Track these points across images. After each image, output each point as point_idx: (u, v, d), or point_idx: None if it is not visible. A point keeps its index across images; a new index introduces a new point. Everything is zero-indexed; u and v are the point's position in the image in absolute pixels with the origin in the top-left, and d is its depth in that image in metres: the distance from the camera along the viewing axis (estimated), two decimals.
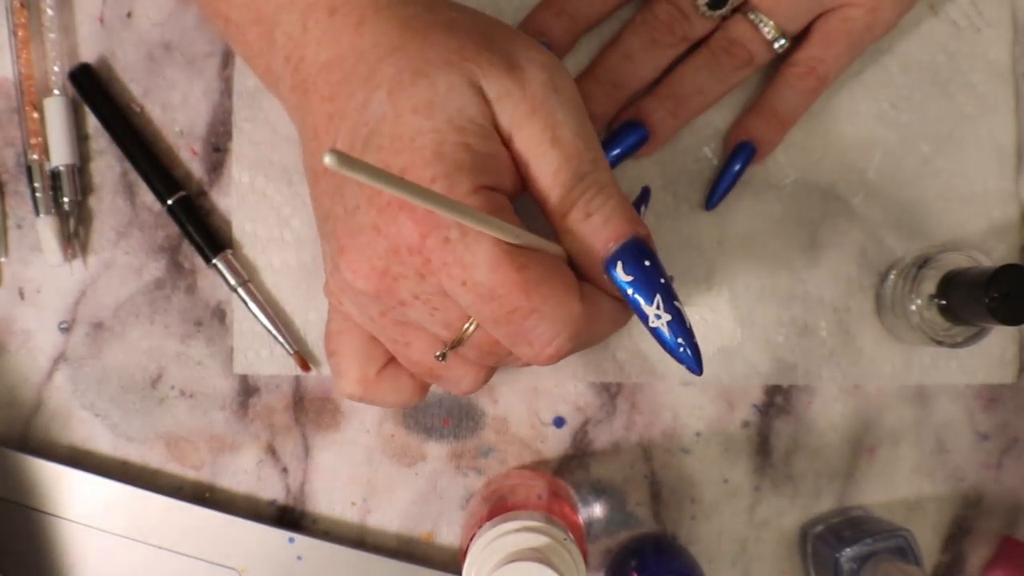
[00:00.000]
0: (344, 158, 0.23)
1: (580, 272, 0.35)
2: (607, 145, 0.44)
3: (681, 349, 0.33)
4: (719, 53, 0.43)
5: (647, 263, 0.33)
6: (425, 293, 0.33)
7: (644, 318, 0.33)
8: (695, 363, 0.34)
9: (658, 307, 0.33)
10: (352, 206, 0.33)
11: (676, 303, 0.33)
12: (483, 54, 0.33)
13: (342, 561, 0.45)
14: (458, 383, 0.37)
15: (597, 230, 0.33)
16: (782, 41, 0.42)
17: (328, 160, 0.23)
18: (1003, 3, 0.47)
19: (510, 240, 0.31)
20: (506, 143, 0.33)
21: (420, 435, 0.46)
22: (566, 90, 0.34)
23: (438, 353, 0.35)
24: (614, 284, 0.34)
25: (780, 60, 0.44)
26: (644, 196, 0.41)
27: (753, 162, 0.44)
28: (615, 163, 0.44)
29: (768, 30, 0.42)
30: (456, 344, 0.34)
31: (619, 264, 0.33)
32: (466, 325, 0.34)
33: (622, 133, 0.43)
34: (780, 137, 0.44)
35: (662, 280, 0.33)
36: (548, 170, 0.33)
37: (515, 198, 0.34)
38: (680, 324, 0.33)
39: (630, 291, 0.33)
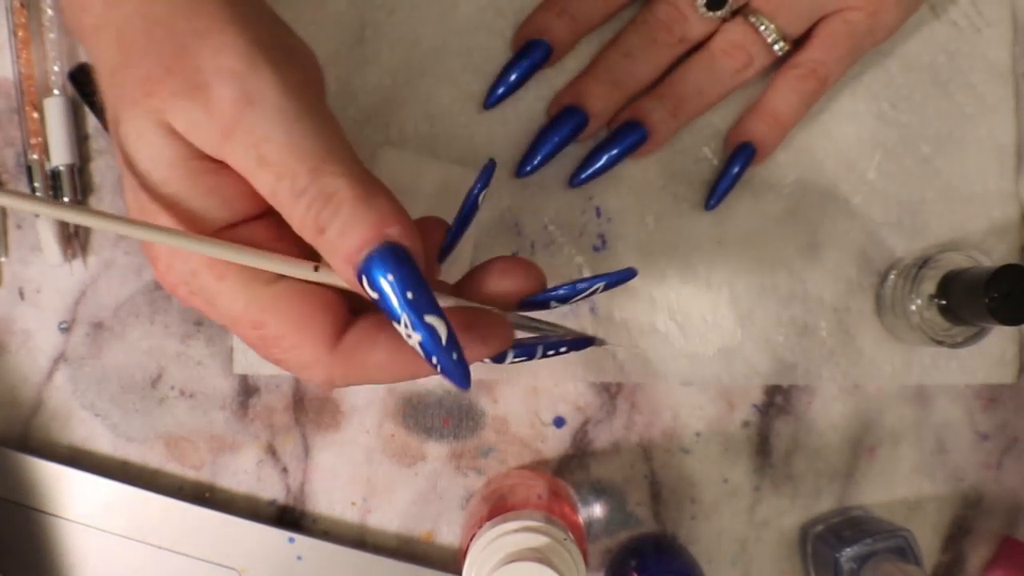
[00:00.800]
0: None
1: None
2: (607, 144, 0.43)
3: (438, 367, 0.29)
4: (719, 55, 0.43)
5: (388, 276, 0.28)
6: (205, 305, 0.31)
7: (403, 337, 0.29)
8: (458, 379, 0.29)
9: (407, 326, 0.28)
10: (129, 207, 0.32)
11: (429, 319, 0.28)
12: (166, 80, 0.28)
13: (342, 561, 0.45)
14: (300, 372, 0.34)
15: (335, 246, 0.29)
16: (782, 44, 0.42)
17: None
18: (1003, 3, 0.46)
19: (272, 268, 0.29)
20: (226, 164, 0.30)
21: (420, 435, 0.46)
22: (267, 98, 0.28)
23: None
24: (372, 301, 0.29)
25: (781, 63, 0.44)
26: (484, 174, 0.34)
27: (753, 163, 0.44)
28: (614, 163, 0.44)
29: (768, 33, 0.42)
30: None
31: (364, 279, 0.29)
32: None
33: (621, 133, 0.43)
34: (780, 139, 0.44)
35: (409, 294, 0.28)
36: (267, 191, 0.29)
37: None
38: (433, 342, 0.28)
39: (381, 308, 0.29)
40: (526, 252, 0.45)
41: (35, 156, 0.45)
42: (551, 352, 0.35)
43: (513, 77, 0.44)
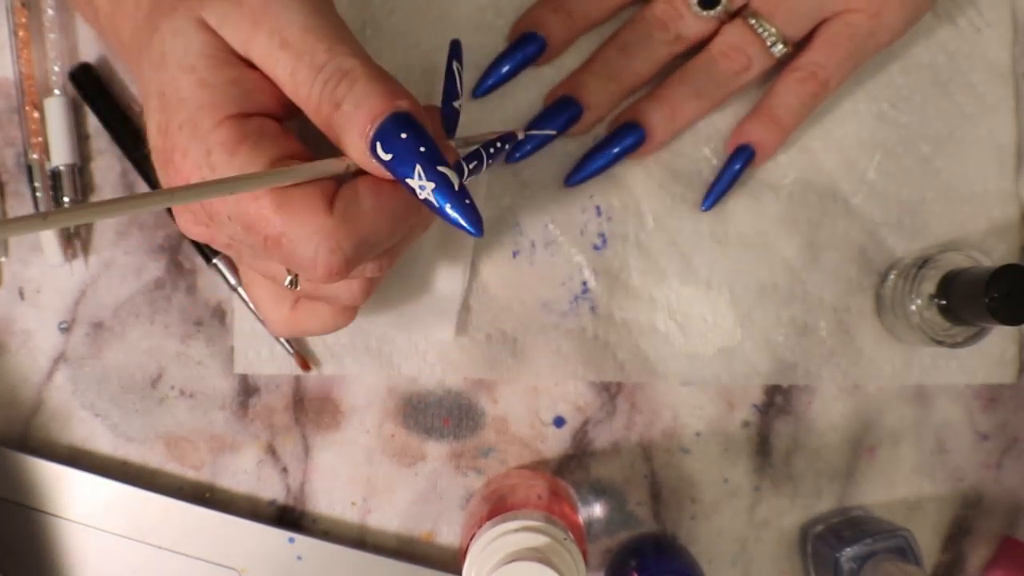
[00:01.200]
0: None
1: (367, 170, 0.34)
2: (605, 145, 0.44)
3: (452, 214, 0.31)
4: (718, 57, 0.43)
5: (403, 135, 0.31)
6: (228, 235, 0.34)
7: (414, 193, 0.32)
8: (471, 223, 0.32)
9: (420, 177, 0.31)
10: (159, 172, 0.35)
11: (441, 168, 0.31)
12: None
13: (342, 561, 0.45)
14: (339, 298, 0.37)
15: (351, 118, 0.31)
16: (781, 47, 0.42)
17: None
18: (1003, 3, 0.47)
19: (270, 184, 0.31)
20: (250, 64, 0.33)
21: (420, 435, 0.46)
22: None
23: (286, 283, 0.35)
24: (383, 168, 0.32)
25: (783, 67, 0.44)
26: (453, 50, 0.38)
27: (751, 166, 0.44)
28: (612, 163, 0.44)
29: (767, 35, 0.42)
30: (294, 274, 0.34)
31: (378, 145, 0.31)
32: None
33: (620, 134, 0.43)
34: (779, 141, 0.44)
35: (421, 148, 0.31)
36: (286, 75, 0.32)
37: (291, 115, 0.34)
38: (446, 188, 0.31)
39: (394, 170, 0.31)
40: (526, 250, 0.45)
41: (35, 156, 0.45)
42: (492, 150, 0.38)
43: (505, 68, 0.44)
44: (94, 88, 0.45)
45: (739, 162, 0.44)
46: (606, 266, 0.45)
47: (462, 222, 0.32)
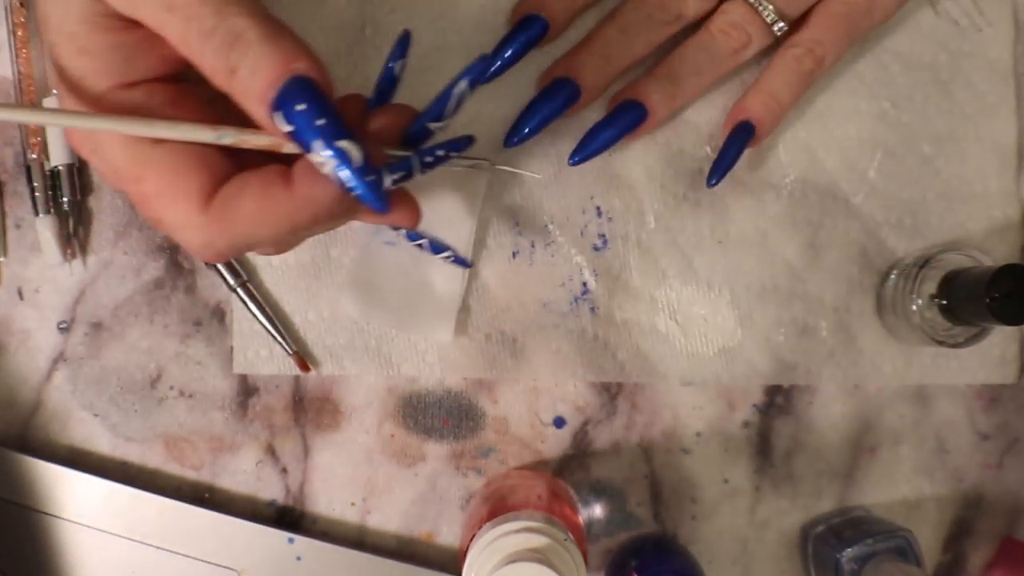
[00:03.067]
0: None
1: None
2: (605, 123, 0.43)
3: (355, 190, 0.30)
4: (717, 35, 0.43)
5: (300, 106, 0.29)
6: (106, 174, 0.33)
7: (317, 165, 0.30)
8: (373, 199, 0.30)
9: (320, 151, 0.30)
10: None
11: (340, 142, 0.30)
12: None
13: (342, 561, 0.45)
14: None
15: (247, 85, 0.30)
16: (781, 24, 0.42)
17: None
18: (1004, 3, 0.46)
19: (113, 130, 0.30)
20: (138, 23, 0.31)
21: (420, 435, 0.46)
22: None
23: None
24: (286, 138, 0.30)
25: (779, 45, 0.44)
26: (399, 45, 0.35)
27: (751, 143, 0.44)
28: (613, 141, 0.43)
29: (767, 13, 0.42)
30: None
31: (278, 115, 0.30)
32: None
33: (620, 112, 0.43)
34: (778, 118, 0.44)
35: (319, 120, 0.29)
36: (178, 40, 0.30)
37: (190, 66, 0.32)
38: (345, 163, 0.30)
39: (296, 140, 0.30)
40: (526, 251, 0.45)
41: (34, 156, 0.45)
42: (429, 159, 0.35)
43: (509, 52, 0.43)
44: None
45: (739, 138, 0.44)
46: (606, 266, 0.45)
47: (368, 196, 0.30)
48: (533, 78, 0.45)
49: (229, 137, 0.31)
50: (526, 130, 0.43)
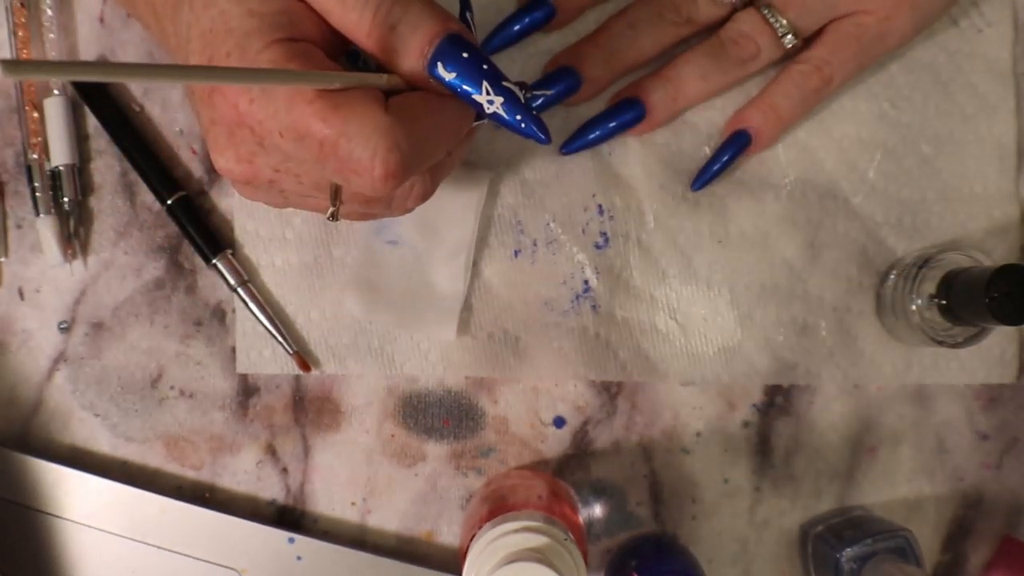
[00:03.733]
0: (11, 65, 0.23)
1: (413, 89, 0.34)
2: (603, 117, 0.44)
3: (523, 125, 0.34)
4: (727, 43, 0.43)
5: (465, 55, 0.33)
6: (277, 163, 0.34)
7: (480, 108, 0.34)
8: (540, 133, 0.34)
9: (488, 93, 0.33)
10: (198, 111, 0.35)
11: (505, 83, 0.33)
12: None
13: (342, 561, 0.45)
14: (388, 210, 0.38)
15: (408, 40, 0.33)
16: (791, 37, 0.42)
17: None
18: (1004, 3, 0.46)
19: (313, 85, 0.32)
20: None
21: (420, 435, 0.46)
22: None
23: (327, 215, 0.35)
24: (444, 87, 0.33)
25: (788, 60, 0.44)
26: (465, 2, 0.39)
27: (746, 154, 0.44)
28: (609, 136, 0.44)
29: (780, 26, 0.42)
30: (336, 201, 0.35)
31: (439, 64, 0.33)
32: (332, 182, 0.35)
33: (620, 108, 0.43)
34: (777, 132, 0.44)
35: (485, 66, 0.33)
36: (336, 2, 0.33)
37: (337, 48, 0.35)
38: (515, 102, 0.33)
39: (458, 87, 0.33)
40: (528, 249, 0.45)
41: (35, 156, 0.45)
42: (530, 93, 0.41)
43: (515, 28, 0.43)
44: (93, 88, 0.45)
45: (734, 147, 0.44)
46: (608, 265, 0.45)
47: (535, 130, 0.34)
48: (540, 66, 0.45)
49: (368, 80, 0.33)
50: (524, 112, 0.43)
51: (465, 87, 0.33)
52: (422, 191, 0.37)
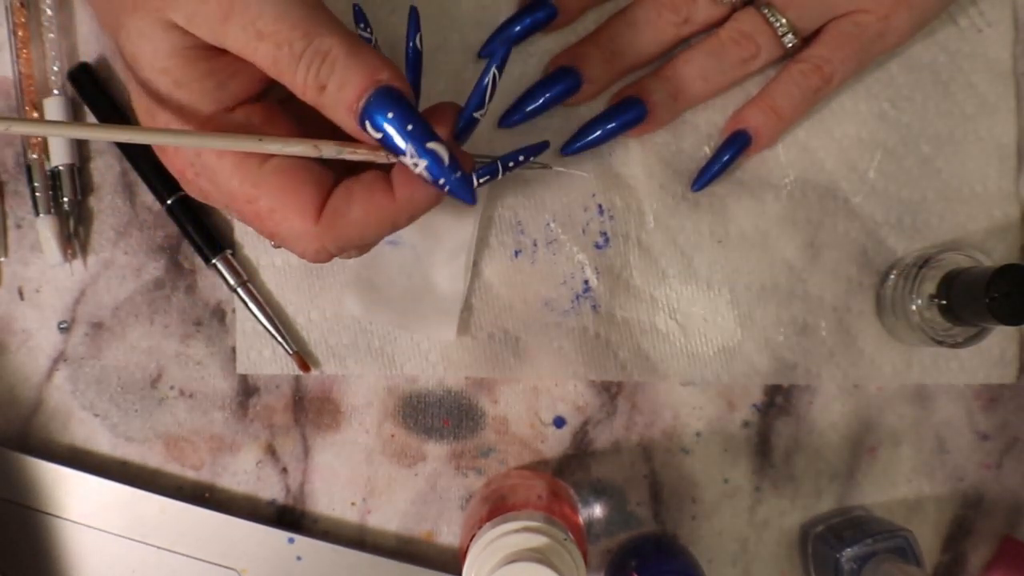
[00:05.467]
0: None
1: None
2: (604, 117, 0.43)
3: (447, 188, 0.33)
4: (727, 43, 0.43)
5: (389, 114, 0.32)
6: (226, 206, 0.35)
7: (410, 167, 0.33)
8: (464, 194, 0.34)
9: (412, 156, 0.33)
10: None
11: (430, 144, 0.33)
12: None
13: (342, 561, 0.45)
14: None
15: (336, 99, 0.33)
16: (791, 37, 0.42)
17: None
18: (1004, 3, 0.46)
19: (257, 150, 0.32)
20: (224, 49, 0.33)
21: (420, 435, 0.46)
22: None
23: (272, 244, 0.37)
24: (376, 143, 0.33)
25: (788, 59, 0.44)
26: (412, 20, 0.38)
27: (745, 154, 0.44)
28: (609, 137, 0.44)
29: (780, 26, 0.42)
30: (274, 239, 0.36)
31: (367, 123, 0.33)
32: None
33: (620, 108, 0.43)
34: (777, 132, 0.44)
35: (408, 127, 0.32)
36: (268, 64, 0.33)
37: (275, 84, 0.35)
38: (437, 164, 0.33)
39: (386, 145, 0.33)
40: (528, 249, 0.45)
41: (34, 156, 0.45)
42: (511, 164, 0.39)
43: (516, 29, 0.43)
44: (93, 88, 0.45)
45: (734, 147, 0.44)
46: (608, 265, 0.45)
47: (459, 193, 0.33)
48: (540, 66, 0.45)
49: (329, 151, 0.34)
50: (527, 109, 0.43)
51: (391, 148, 0.33)
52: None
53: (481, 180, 0.38)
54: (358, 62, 0.32)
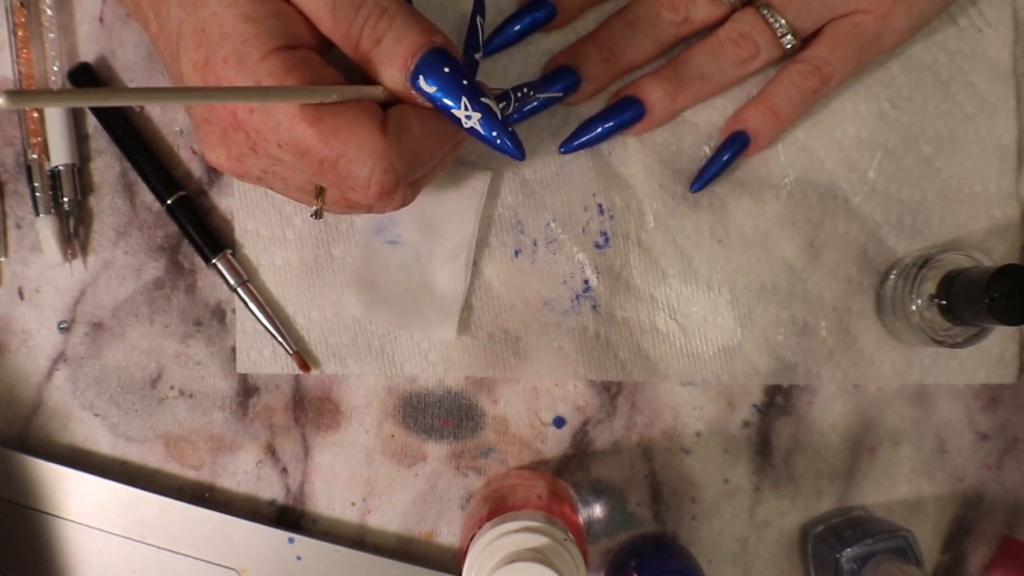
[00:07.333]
0: (13, 96, 0.24)
1: (400, 99, 0.36)
2: (602, 116, 0.44)
3: (498, 141, 0.35)
4: (726, 43, 0.43)
5: (446, 69, 0.34)
6: (266, 166, 0.36)
7: (458, 122, 0.35)
8: (514, 149, 0.35)
9: (466, 108, 0.34)
10: (189, 106, 0.36)
11: (484, 100, 0.34)
12: None
13: (342, 561, 0.45)
14: (370, 211, 0.39)
15: (392, 52, 0.34)
16: (790, 37, 0.42)
17: (1, 102, 0.23)
18: (1004, 3, 0.46)
19: (313, 100, 0.33)
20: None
21: (420, 435, 0.46)
22: None
23: (311, 214, 0.37)
24: (425, 98, 0.35)
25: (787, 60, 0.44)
26: (478, 6, 0.41)
27: (744, 154, 0.44)
28: (607, 135, 0.44)
29: (779, 26, 0.42)
30: (320, 200, 0.36)
31: (420, 78, 0.34)
32: (317, 184, 0.36)
33: (619, 107, 0.43)
34: (776, 132, 0.44)
35: (465, 82, 0.34)
36: (326, 11, 0.34)
37: (327, 47, 0.36)
38: (491, 118, 0.35)
39: (438, 100, 0.34)
40: (528, 249, 0.45)
41: (35, 156, 0.45)
42: (519, 93, 0.42)
43: (516, 28, 0.43)
44: (93, 88, 0.45)
45: (733, 147, 0.44)
46: (608, 264, 0.45)
47: (509, 147, 0.35)
48: (540, 66, 0.45)
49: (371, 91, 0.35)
50: (525, 108, 0.43)
51: (445, 101, 0.34)
52: (402, 200, 0.38)
53: (501, 105, 0.39)
54: (416, 21, 0.34)
